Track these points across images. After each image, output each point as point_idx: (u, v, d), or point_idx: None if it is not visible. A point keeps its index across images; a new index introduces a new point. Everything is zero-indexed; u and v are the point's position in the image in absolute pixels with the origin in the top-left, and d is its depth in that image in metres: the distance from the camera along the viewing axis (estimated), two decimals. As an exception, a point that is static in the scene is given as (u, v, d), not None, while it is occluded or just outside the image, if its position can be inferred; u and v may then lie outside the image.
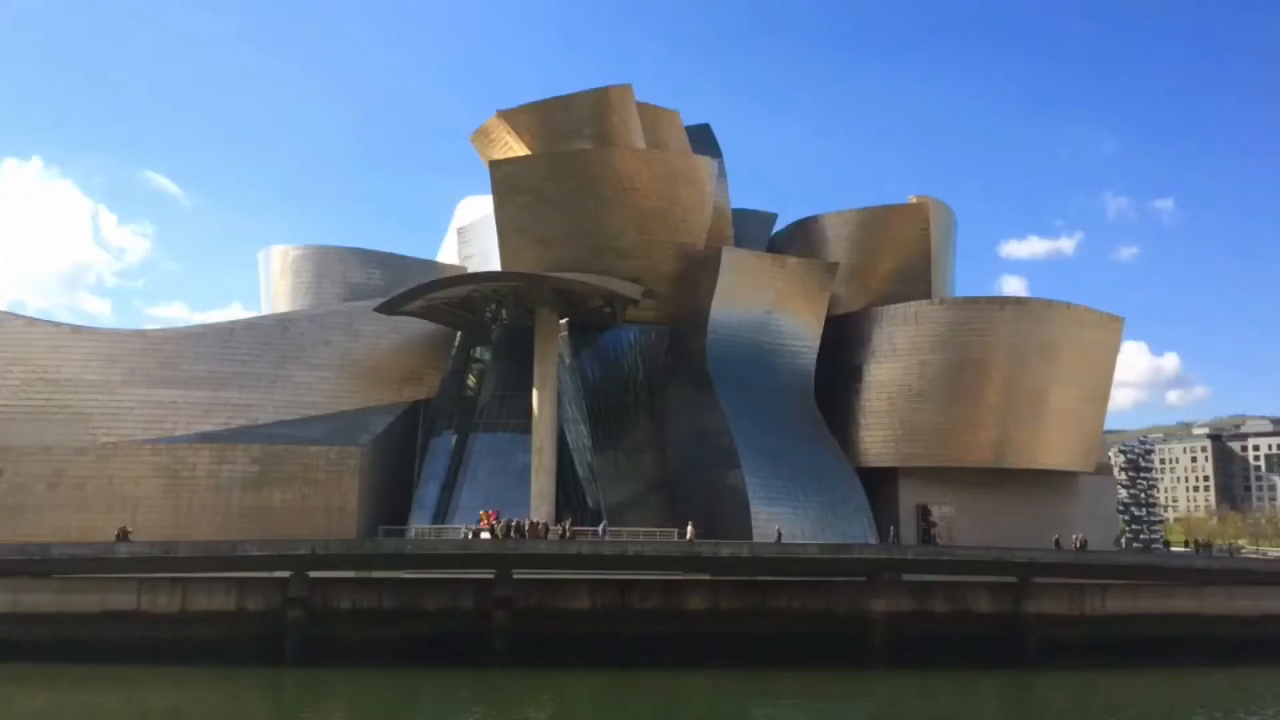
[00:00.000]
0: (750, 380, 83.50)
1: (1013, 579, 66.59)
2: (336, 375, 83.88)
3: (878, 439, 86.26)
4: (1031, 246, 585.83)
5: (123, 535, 61.58)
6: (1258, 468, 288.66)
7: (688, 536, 66.11)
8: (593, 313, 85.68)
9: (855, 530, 77.80)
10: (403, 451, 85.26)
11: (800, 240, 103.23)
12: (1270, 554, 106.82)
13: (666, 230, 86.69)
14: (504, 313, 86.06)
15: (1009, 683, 59.63)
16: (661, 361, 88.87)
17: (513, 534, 63.68)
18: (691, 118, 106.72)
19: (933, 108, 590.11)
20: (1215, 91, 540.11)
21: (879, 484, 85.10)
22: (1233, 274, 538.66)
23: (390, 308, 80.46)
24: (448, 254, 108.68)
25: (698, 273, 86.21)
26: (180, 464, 75.93)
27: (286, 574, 58.66)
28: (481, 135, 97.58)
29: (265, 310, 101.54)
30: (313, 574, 59.01)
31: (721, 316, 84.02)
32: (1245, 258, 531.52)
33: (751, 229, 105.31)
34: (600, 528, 69.59)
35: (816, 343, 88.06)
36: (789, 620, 64.03)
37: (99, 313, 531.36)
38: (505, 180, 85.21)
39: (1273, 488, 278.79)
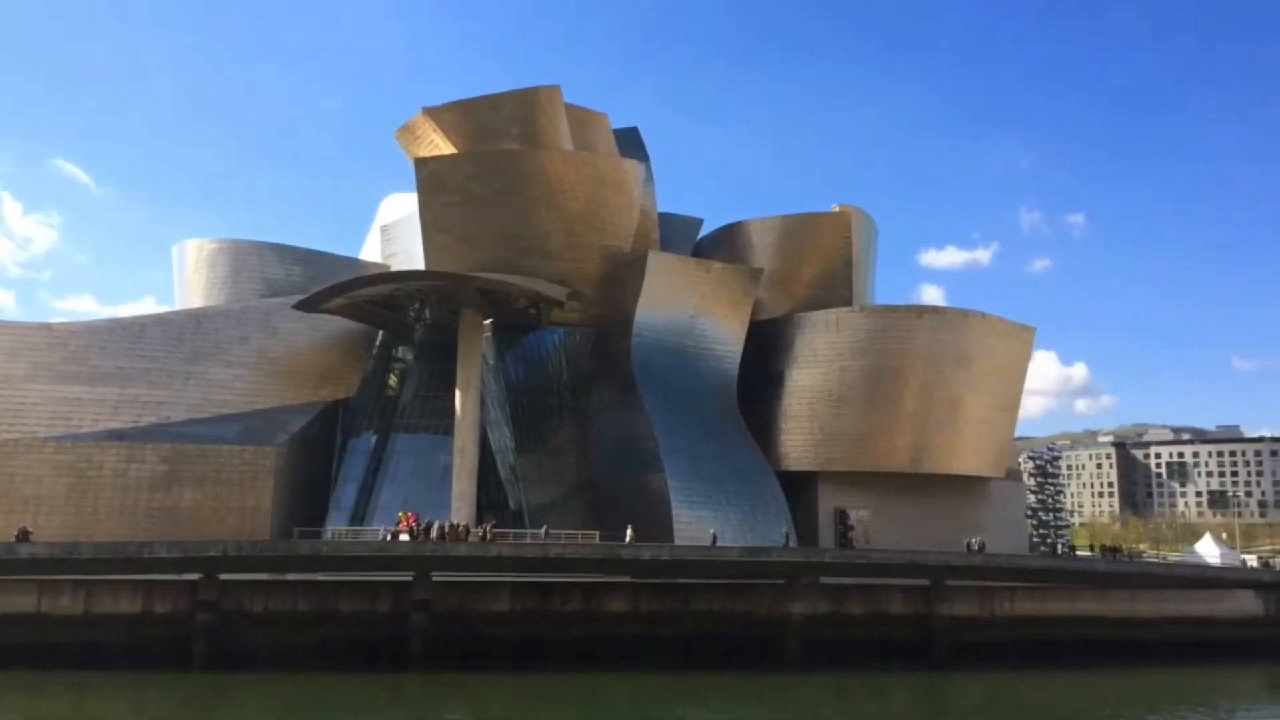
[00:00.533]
0: (674, 384, 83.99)
1: (926, 582, 68.10)
2: (252, 373, 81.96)
3: (798, 443, 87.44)
4: (950, 256, 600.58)
5: (23, 536, 59.23)
6: (1159, 475, 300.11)
7: (627, 539, 66.18)
8: (518, 314, 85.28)
9: (775, 534, 78.68)
10: (320, 452, 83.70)
11: (725, 245, 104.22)
12: (1170, 558, 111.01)
13: (593, 233, 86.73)
14: (427, 312, 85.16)
15: (921, 684, 61.01)
16: (586, 364, 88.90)
17: (432, 536, 62.93)
18: (620, 121, 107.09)
19: (857, 117, 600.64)
20: (1127, 111, 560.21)
21: (799, 488, 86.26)
22: (1139, 288, 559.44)
23: (310, 305, 78.96)
24: (371, 252, 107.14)
25: (624, 276, 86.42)
26: (86, 462, 73.35)
27: (196, 576, 57.10)
28: (407, 132, 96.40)
29: (179, 306, 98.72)
30: (224, 576, 57.56)
31: (647, 320, 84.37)
32: (1151, 273, 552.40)
33: (677, 233, 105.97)
34: (543, 530, 69.12)
35: (740, 347, 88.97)
36: (710, 623, 64.48)
37: (1, 305, 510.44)
38: (431, 178, 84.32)
39: (1173, 494, 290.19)
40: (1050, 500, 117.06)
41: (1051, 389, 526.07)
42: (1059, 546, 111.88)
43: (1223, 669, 66.86)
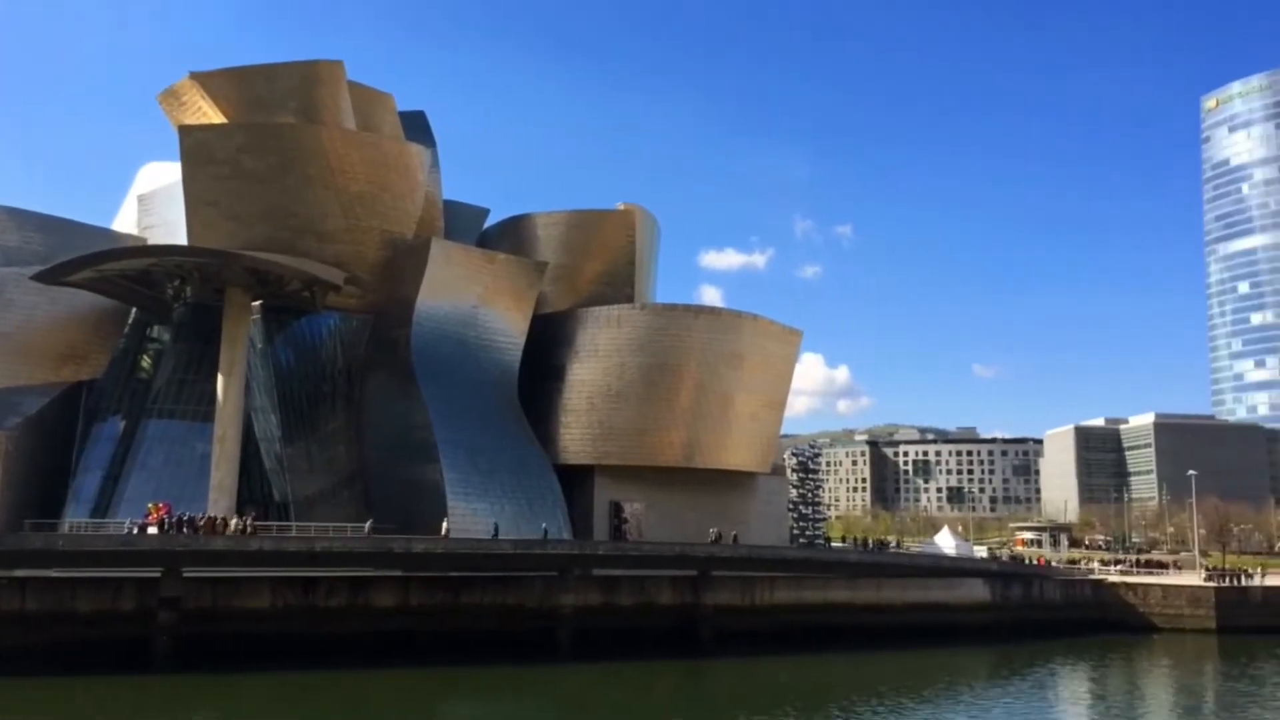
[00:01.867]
0: (454, 374, 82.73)
1: (693, 573, 70.57)
2: (-20, 349, 74.00)
3: (576, 437, 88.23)
4: (729, 259, 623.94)
5: None
6: (906, 472, 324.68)
7: (443, 533, 64.51)
8: (290, 296, 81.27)
9: (551, 526, 79.01)
10: (59, 437, 76.65)
11: (511, 237, 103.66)
12: (913, 549, 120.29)
13: (374, 216, 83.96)
14: (188, 290, 79.70)
15: (685, 671, 63.15)
16: (363, 351, 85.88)
17: (184, 529, 58.94)
18: (406, 104, 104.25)
19: (646, 119, 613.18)
20: (895, 133, 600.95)
21: (576, 481, 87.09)
22: (897, 298, 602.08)
23: (52, 276, 72.09)
24: (125, 222, 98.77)
25: (405, 262, 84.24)
26: None
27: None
28: (171, 97, 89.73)
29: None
30: (-62, 574, 51.75)
31: (428, 308, 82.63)
32: (908, 284, 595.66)
33: (463, 222, 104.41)
34: (367, 525, 65.25)
35: (522, 340, 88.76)
36: (481, 616, 64.18)
37: None
38: (197, 148, 78.92)
39: (918, 490, 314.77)
40: (810, 495, 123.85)
41: (817, 389, 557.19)
42: (815, 538, 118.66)
43: (956, 650, 73.16)
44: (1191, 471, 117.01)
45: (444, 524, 67.18)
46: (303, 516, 73.00)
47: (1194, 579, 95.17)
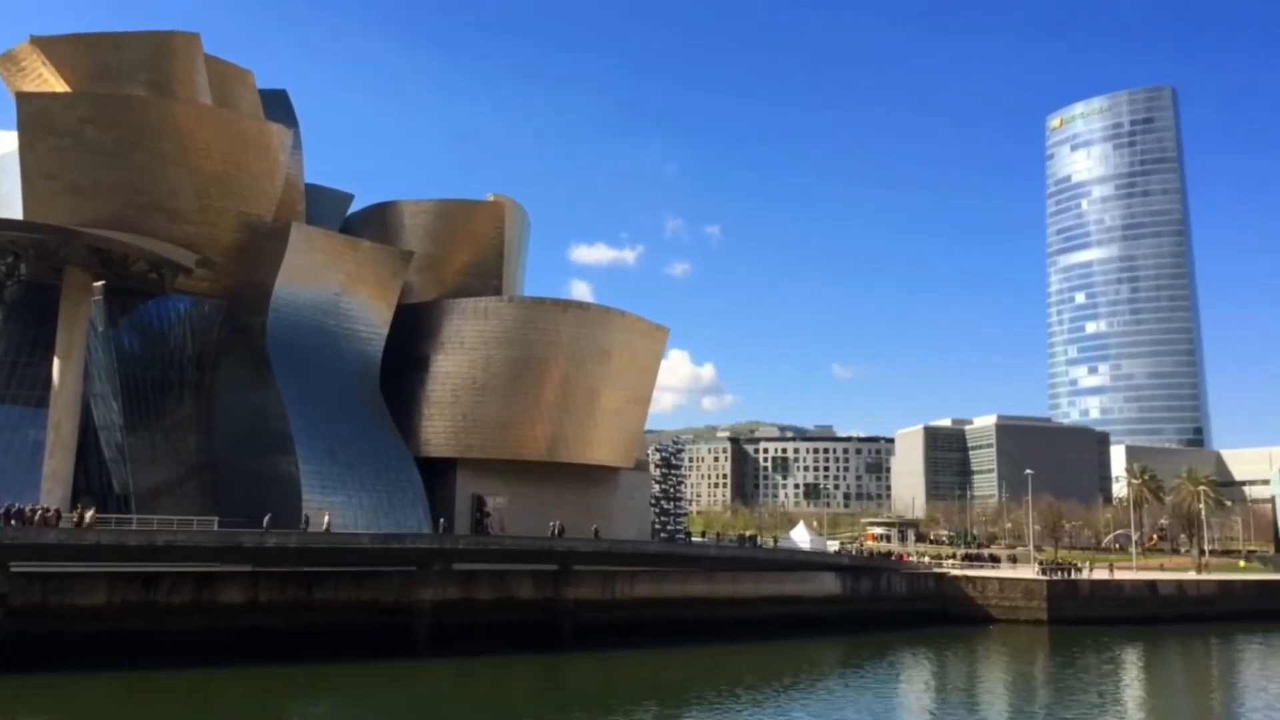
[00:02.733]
0: (313, 363, 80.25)
1: (554, 567, 70.60)
2: None
3: (439, 429, 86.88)
4: (599, 253, 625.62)
5: None
6: (766, 468, 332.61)
7: (324, 527, 62.17)
8: (136, 278, 77.16)
9: (411, 520, 77.75)
10: None
11: (376, 224, 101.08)
12: (769, 544, 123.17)
13: (230, 197, 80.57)
14: (23, 268, 74.82)
15: (544, 666, 63.18)
16: (215, 337, 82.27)
17: (12, 520, 55.31)
18: (268, 83, 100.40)
19: (518, 111, 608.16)
20: (764, 135, 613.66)
21: (438, 474, 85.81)
22: (763, 299, 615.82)
23: None
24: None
25: (262, 246, 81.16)
26: None
27: None
28: (9, 61, 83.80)
29: None
30: None
31: (286, 295, 79.84)
32: (774, 286, 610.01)
33: (325, 207, 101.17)
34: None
35: (385, 330, 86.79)
36: (335, 612, 62.66)
37: None
38: (36, 116, 74.06)
39: (776, 486, 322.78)
40: (673, 490, 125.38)
41: (683, 386, 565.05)
42: (675, 533, 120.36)
43: (809, 642, 75.62)
44: (1028, 471, 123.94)
45: (325, 518, 65.46)
46: (145, 509, 69.57)
47: (1028, 573, 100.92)
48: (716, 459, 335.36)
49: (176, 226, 77.42)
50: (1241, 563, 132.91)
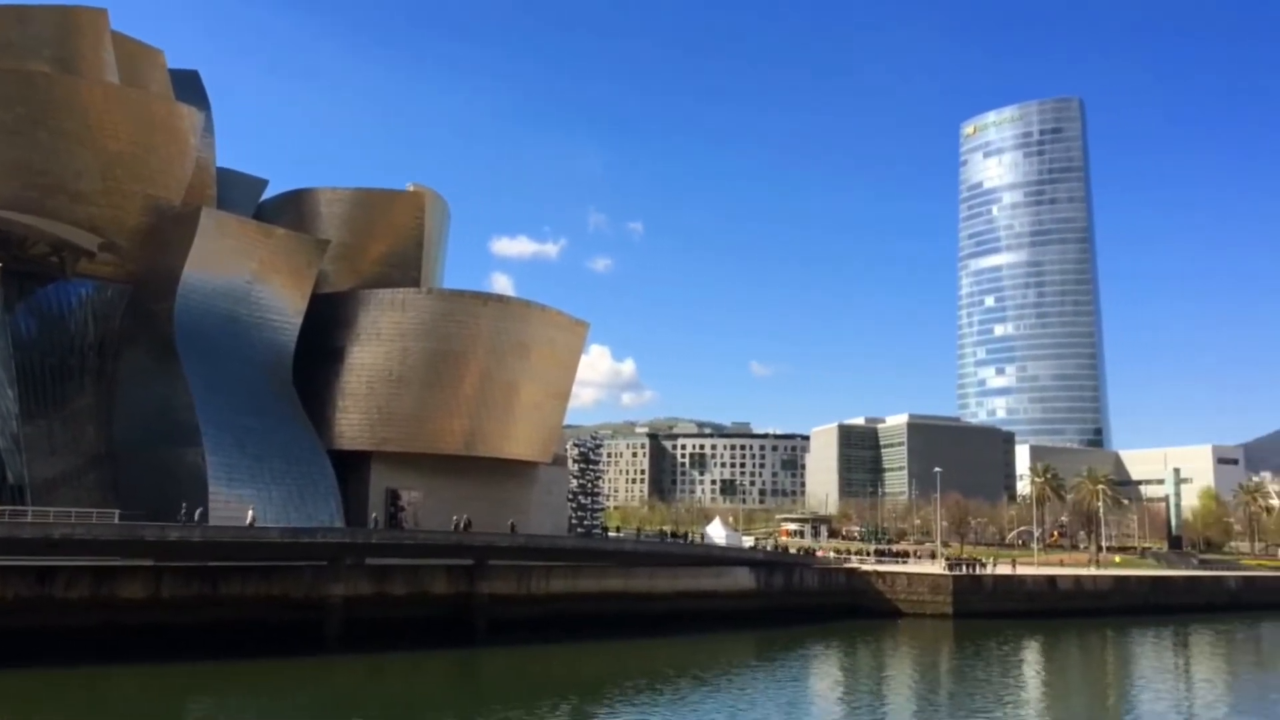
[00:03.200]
0: (222, 352, 78.14)
1: (470, 561, 70.03)
2: None
3: (354, 422, 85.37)
4: (521, 246, 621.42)
5: None
6: (683, 464, 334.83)
7: (248, 520, 60.24)
8: (35, 260, 74.14)
9: (322, 513, 76.30)
10: None
11: (291, 211, 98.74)
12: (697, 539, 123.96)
13: (137, 179, 77.93)
14: (-89, 247, 71.26)
15: (458, 661, 62.60)
16: (118, 324, 79.51)
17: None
18: (179, 63, 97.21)
19: (441, 101, 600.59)
20: (687, 133, 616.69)
21: (352, 467, 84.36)
22: (684, 296, 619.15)
23: None
24: None
25: (171, 231, 78.68)
26: None
27: None
28: (-100, 29, 79.80)
29: None
30: None
31: (195, 281, 77.54)
32: (695, 283, 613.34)
33: (238, 192, 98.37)
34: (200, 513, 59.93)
35: (299, 320, 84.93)
36: (242, 608, 61.12)
37: None
38: (-72, 88, 70.66)
39: (694, 482, 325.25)
40: (590, 485, 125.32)
41: (603, 381, 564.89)
42: (593, 528, 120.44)
43: (723, 636, 76.38)
44: (937, 469, 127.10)
45: (249, 513, 63.78)
46: (41, 500, 66.80)
47: (935, 568, 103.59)
48: (635, 455, 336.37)
49: (80, 208, 74.67)
50: (1117, 558, 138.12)
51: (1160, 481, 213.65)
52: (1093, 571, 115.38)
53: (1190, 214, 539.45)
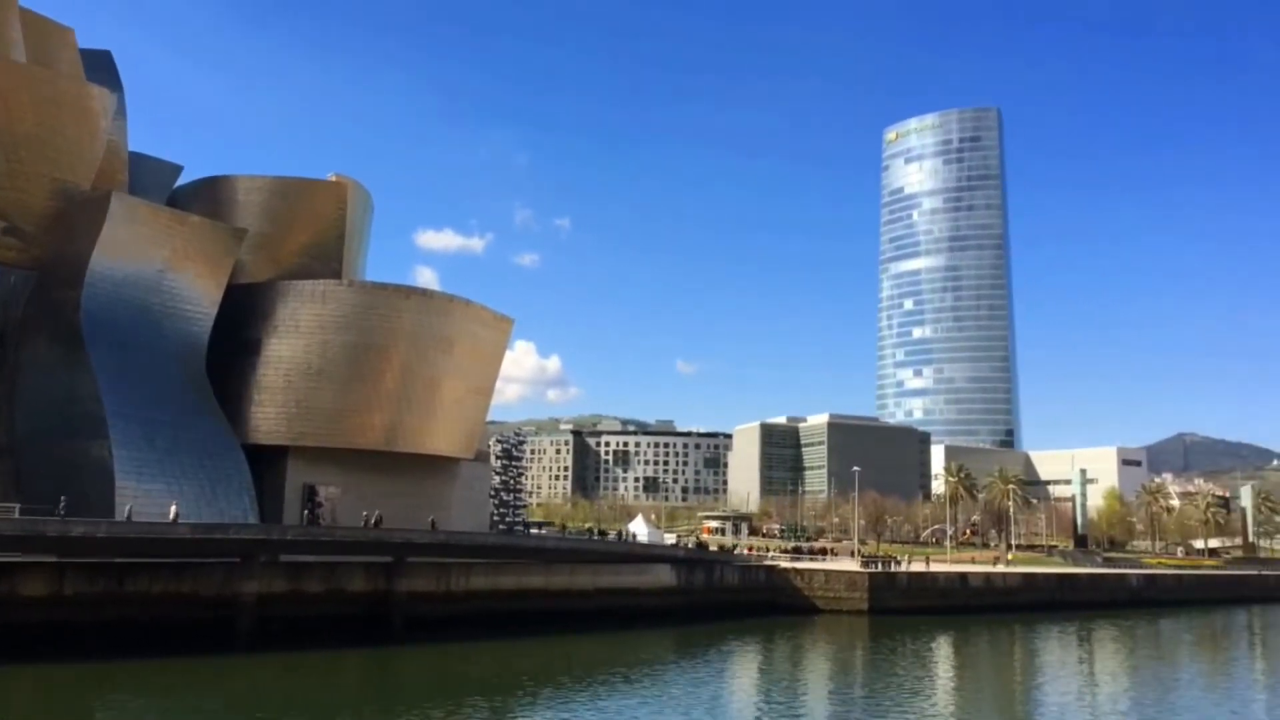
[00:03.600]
0: (132, 343, 75.67)
1: (388, 559, 69.06)
2: None
3: (270, 416, 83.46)
4: (447, 239, 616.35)
5: None
6: (607, 461, 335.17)
7: (171, 516, 58.11)
8: (-69, 243, 70.95)
9: (236, 509, 74.47)
10: None
11: (207, 199, 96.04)
12: (610, 536, 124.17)
13: (43, 161, 75.03)
14: None
15: (374, 660, 61.59)
16: (20, 311, 76.46)
17: None
18: (90, 43, 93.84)
19: (364, 91, 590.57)
20: (615, 133, 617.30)
21: (268, 462, 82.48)
22: (611, 294, 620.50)
23: None
24: None
25: (79, 216, 75.91)
26: None
27: None
28: None
29: None
30: None
31: (104, 269, 74.95)
32: (621, 282, 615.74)
33: (151, 178, 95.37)
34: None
35: (214, 310, 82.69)
36: (150, 605, 59.31)
37: None
38: None
39: (617, 479, 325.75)
40: (513, 482, 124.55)
41: (528, 378, 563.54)
42: (515, 525, 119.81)
43: (643, 633, 76.66)
44: (856, 468, 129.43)
45: (172, 508, 62.16)
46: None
47: (853, 565, 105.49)
48: (559, 451, 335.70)
49: (-20, 190, 71.56)
50: (1010, 555, 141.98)
51: (1067, 482, 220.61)
52: (1002, 569, 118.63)
53: (1099, 223, 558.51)
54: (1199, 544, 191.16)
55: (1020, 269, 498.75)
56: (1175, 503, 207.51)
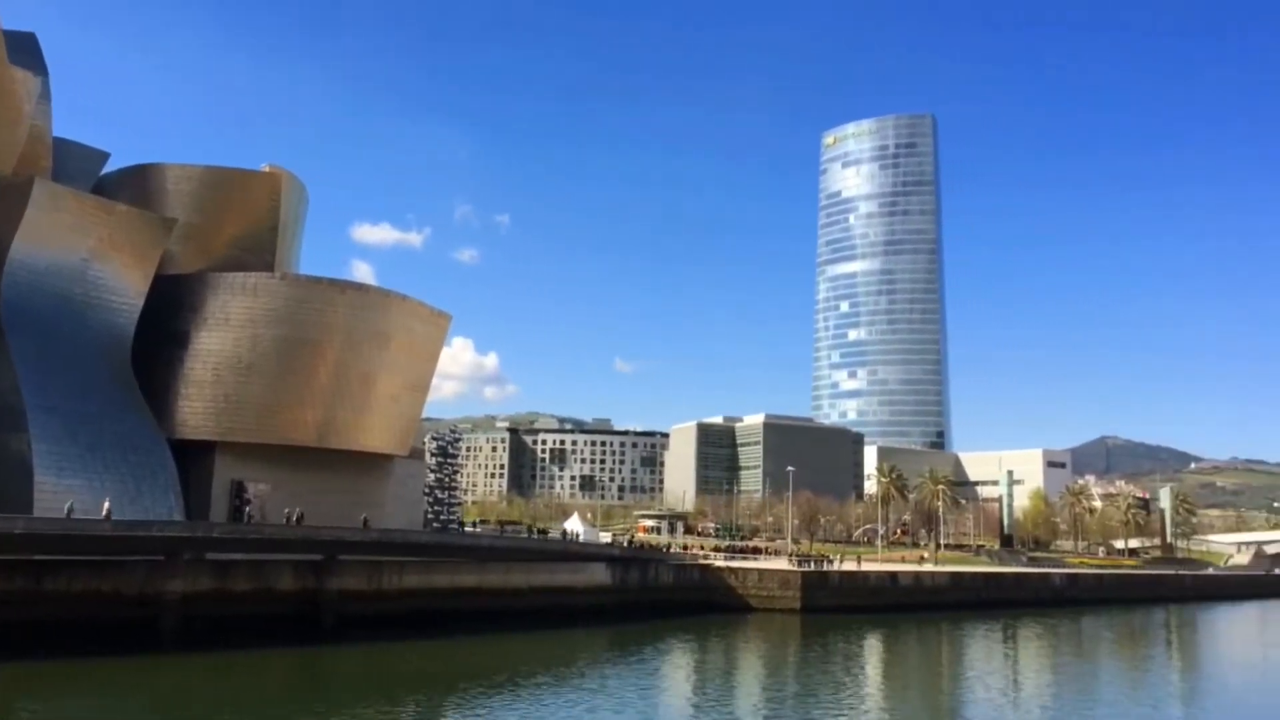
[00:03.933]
0: (53, 334, 73.39)
1: (318, 557, 68.04)
2: None
3: (198, 410, 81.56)
4: (383, 234, 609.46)
5: None
6: (544, 459, 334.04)
7: (104, 513, 56.31)
8: None
9: (161, 506, 72.63)
10: None
11: (135, 187, 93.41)
12: (552, 534, 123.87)
13: (-39, 144, 72.44)
14: None
15: (303, 660, 60.68)
16: (-64, 300, 73.71)
17: None
18: (12, 24, 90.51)
19: (300, 81, 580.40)
20: (556, 131, 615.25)
21: (195, 458, 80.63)
22: (550, 291, 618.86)
23: None
24: None
25: (-1, 202, 73.42)
26: None
27: None
28: None
29: None
30: None
31: (25, 258, 72.54)
32: (560, 280, 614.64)
33: (76, 165, 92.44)
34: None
35: (141, 302, 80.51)
36: (70, 604, 57.72)
37: None
38: None
39: (553, 477, 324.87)
40: (448, 479, 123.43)
41: (465, 374, 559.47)
42: (449, 523, 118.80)
43: (578, 631, 76.62)
44: (790, 468, 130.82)
45: (104, 505, 60.49)
46: None
47: (786, 564, 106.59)
48: (495, 449, 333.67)
49: (-107, 173, 68.81)
50: (923, 553, 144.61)
51: (995, 483, 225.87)
52: (931, 568, 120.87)
53: (1029, 230, 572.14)
54: (1120, 544, 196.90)
55: (952, 273, 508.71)
56: (1097, 504, 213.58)
